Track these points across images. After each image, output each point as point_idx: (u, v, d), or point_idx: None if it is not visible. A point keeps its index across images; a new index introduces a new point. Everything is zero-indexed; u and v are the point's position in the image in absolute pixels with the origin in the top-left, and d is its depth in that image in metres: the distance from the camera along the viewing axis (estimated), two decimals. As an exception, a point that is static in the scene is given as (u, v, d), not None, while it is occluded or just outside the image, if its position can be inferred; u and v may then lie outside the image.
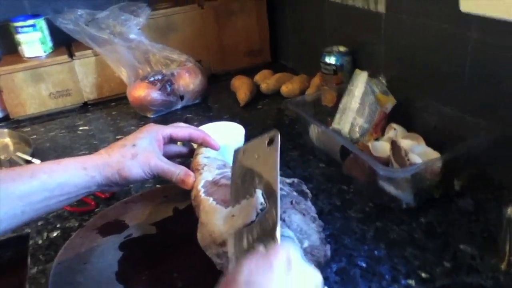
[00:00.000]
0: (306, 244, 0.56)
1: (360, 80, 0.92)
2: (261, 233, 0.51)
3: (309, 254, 0.56)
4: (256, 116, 1.21)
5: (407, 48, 0.95)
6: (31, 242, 0.79)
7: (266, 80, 1.32)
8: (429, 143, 0.84)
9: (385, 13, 0.98)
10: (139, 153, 0.66)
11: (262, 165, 0.57)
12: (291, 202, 0.58)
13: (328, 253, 0.58)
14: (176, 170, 0.68)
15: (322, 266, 0.57)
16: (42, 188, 0.58)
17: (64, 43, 1.36)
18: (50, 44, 1.33)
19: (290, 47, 1.48)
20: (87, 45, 1.26)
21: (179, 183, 0.68)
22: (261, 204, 0.52)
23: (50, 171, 0.60)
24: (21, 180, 0.58)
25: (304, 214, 0.58)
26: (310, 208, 0.61)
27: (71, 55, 1.30)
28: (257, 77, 1.35)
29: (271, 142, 0.58)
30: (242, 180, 0.59)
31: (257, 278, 0.42)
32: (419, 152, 0.78)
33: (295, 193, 0.61)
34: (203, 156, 0.72)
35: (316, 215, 0.60)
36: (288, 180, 0.62)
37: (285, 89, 1.26)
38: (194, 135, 0.73)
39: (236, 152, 0.65)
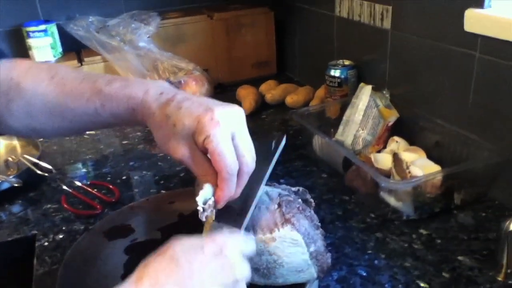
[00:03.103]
0: (312, 248, 0.57)
1: (364, 93, 0.94)
2: (228, 215, 0.55)
3: (314, 258, 0.57)
4: (260, 126, 1.22)
5: (412, 65, 0.97)
6: (37, 243, 0.81)
7: (271, 91, 1.33)
8: (430, 159, 0.85)
9: (390, 30, 1.00)
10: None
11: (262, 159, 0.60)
12: (298, 208, 0.60)
13: (329, 261, 0.60)
14: None
15: (324, 273, 0.59)
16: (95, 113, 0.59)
17: (74, 49, 1.38)
18: (60, 49, 1.36)
19: (297, 60, 1.50)
20: (97, 52, 1.29)
21: None
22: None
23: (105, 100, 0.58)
24: (79, 100, 0.58)
25: (310, 221, 0.60)
26: (313, 216, 0.62)
27: (80, 61, 1.32)
28: (263, 87, 1.37)
29: (277, 143, 0.63)
30: None
31: (182, 257, 0.43)
32: (420, 165, 0.80)
33: (300, 201, 0.62)
34: None
35: (319, 224, 0.62)
36: (294, 189, 0.64)
37: (290, 100, 1.28)
38: None
39: None
